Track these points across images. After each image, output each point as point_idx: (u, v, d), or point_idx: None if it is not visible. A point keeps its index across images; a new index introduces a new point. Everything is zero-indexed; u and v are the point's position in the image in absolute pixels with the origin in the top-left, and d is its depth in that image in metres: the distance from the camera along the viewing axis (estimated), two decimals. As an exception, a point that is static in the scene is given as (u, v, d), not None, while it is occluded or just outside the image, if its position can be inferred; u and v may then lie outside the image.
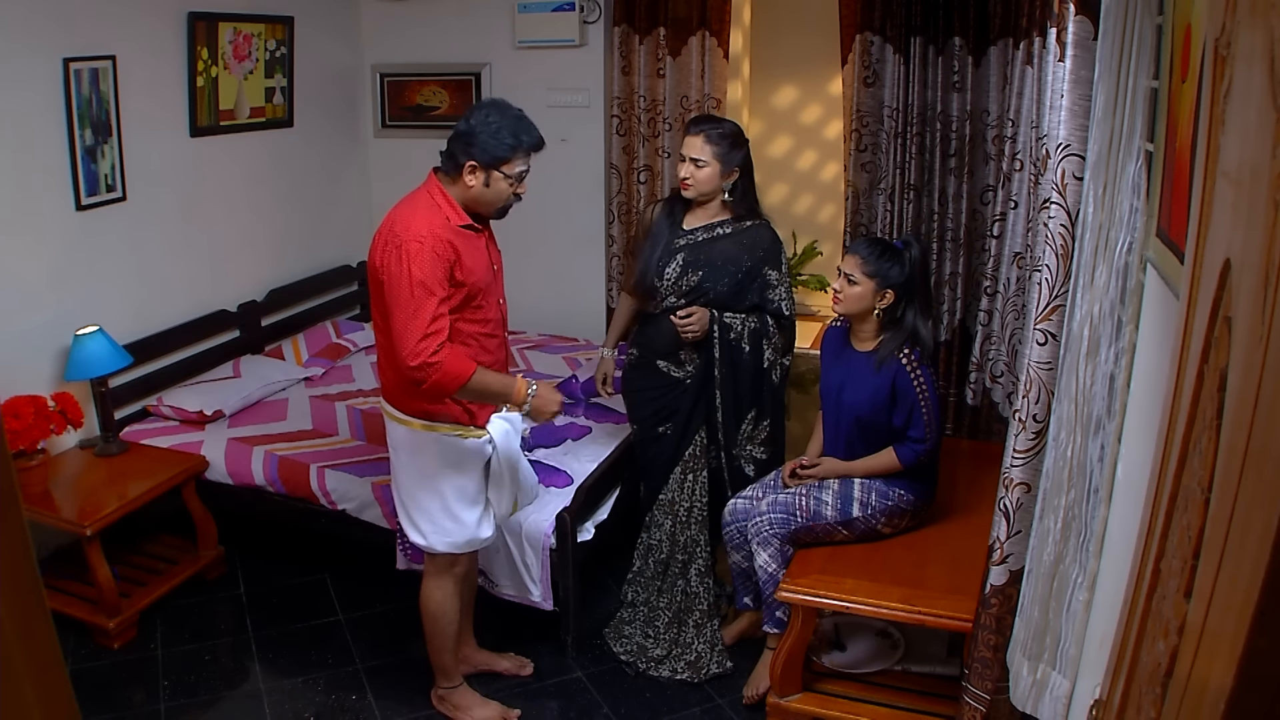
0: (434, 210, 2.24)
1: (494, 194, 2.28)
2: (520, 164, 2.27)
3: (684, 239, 2.78)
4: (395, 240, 2.18)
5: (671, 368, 2.83)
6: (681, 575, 2.90)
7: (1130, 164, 1.52)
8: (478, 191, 2.26)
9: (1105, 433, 1.61)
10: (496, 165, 2.23)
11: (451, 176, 2.28)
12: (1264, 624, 0.62)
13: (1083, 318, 1.60)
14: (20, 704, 0.70)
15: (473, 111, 2.26)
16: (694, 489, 2.89)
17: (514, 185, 2.29)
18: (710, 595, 2.90)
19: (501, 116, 2.24)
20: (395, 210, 2.29)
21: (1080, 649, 1.71)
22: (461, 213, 2.28)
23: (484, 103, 2.30)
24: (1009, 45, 3.22)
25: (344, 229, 4.64)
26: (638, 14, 4.00)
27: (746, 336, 2.79)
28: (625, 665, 2.84)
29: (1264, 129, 0.68)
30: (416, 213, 2.23)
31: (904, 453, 2.51)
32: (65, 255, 3.21)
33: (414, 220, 2.20)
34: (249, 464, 3.18)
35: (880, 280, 2.50)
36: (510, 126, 2.23)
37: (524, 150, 2.26)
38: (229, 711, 2.69)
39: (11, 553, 0.68)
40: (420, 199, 2.28)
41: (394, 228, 2.21)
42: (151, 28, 3.45)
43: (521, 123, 2.26)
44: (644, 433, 2.93)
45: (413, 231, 2.18)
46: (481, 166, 2.23)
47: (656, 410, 2.87)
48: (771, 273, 2.82)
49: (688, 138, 2.73)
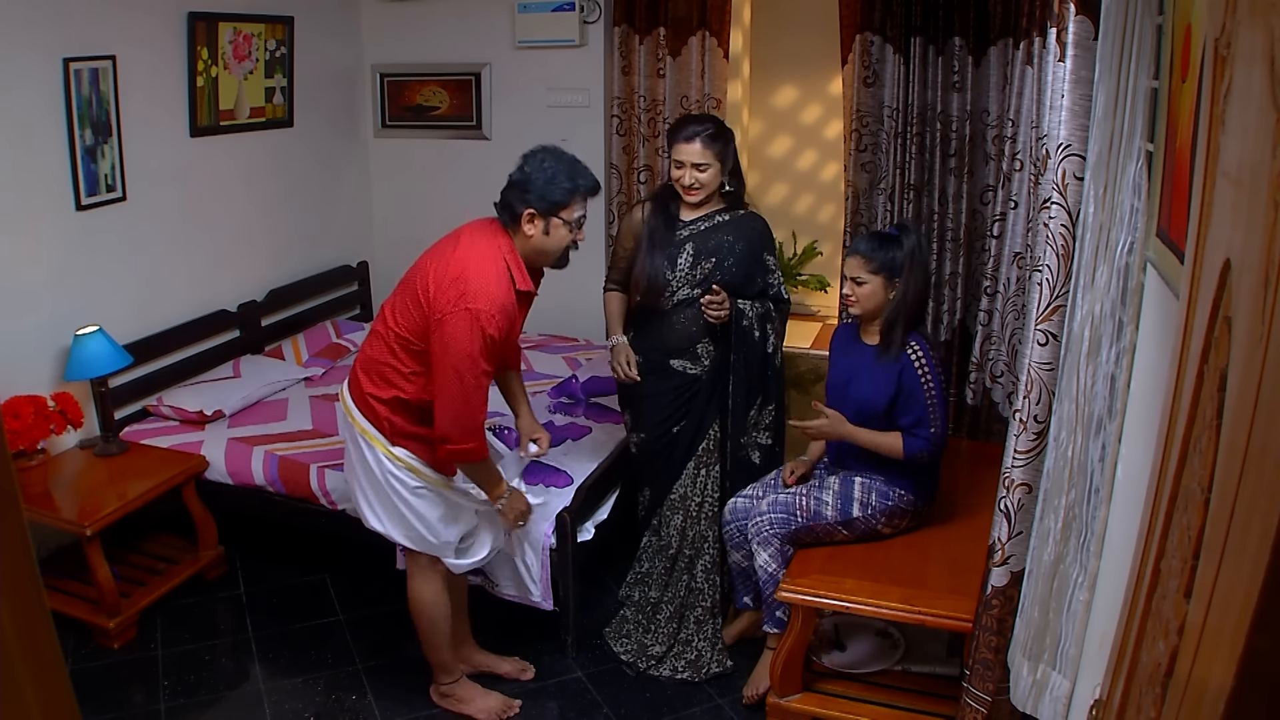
0: (504, 277, 2.24)
1: (554, 241, 2.30)
2: (578, 209, 2.30)
3: (687, 230, 2.78)
4: (468, 303, 2.17)
5: (688, 365, 2.81)
6: (687, 570, 2.91)
7: (1130, 164, 1.52)
8: (538, 240, 2.28)
9: (1106, 433, 1.61)
10: (555, 211, 2.26)
11: (511, 228, 2.30)
12: (1264, 624, 0.62)
13: (1083, 318, 1.60)
14: (20, 704, 0.70)
15: (527, 159, 2.28)
16: (706, 483, 2.89)
17: (573, 232, 2.31)
18: (715, 592, 2.89)
19: (557, 162, 2.26)
20: (468, 253, 2.25)
21: (1080, 649, 1.71)
22: (525, 275, 2.30)
23: (537, 149, 2.31)
24: (1009, 45, 3.22)
25: (344, 229, 4.64)
26: (638, 14, 4.00)
27: (756, 322, 2.80)
28: (626, 666, 2.84)
29: (1264, 129, 0.68)
30: (490, 275, 2.22)
31: (911, 444, 2.49)
32: (65, 255, 3.21)
33: (489, 284, 2.20)
34: (249, 464, 3.18)
35: (888, 272, 2.50)
36: (566, 171, 2.26)
37: (581, 195, 2.29)
38: (229, 711, 2.69)
39: (11, 553, 0.68)
40: (493, 259, 2.25)
41: (466, 284, 2.18)
42: (151, 28, 3.45)
43: (576, 167, 2.29)
44: (654, 436, 2.89)
45: (487, 299, 2.18)
46: (540, 214, 2.25)
47: (671, 412, 2.85)
48: (769, 258, 2.86)
49: (683, 145, 2.69)
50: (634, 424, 2.94)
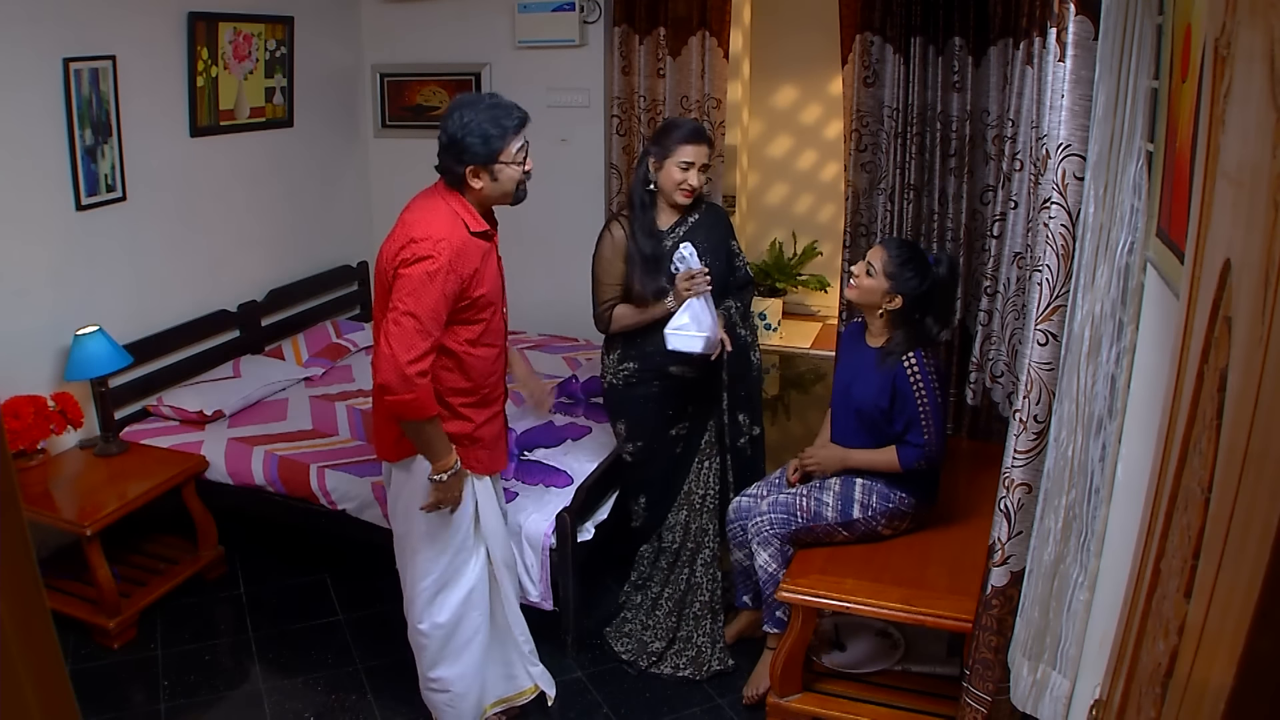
0: (451, 219, 2.19)
1: (505, 181, 2.23)
2: (515, 144, 2.22)
3: (672, 236, 2.77)
4: (416, 245, 2.12)
5: (686, 370, 2.79)
6: (688, 564, 2.91)
7: (1131, 164, 1.52)
8: (489, 188, 2.23)
9: (1106, 433, 1.61)
10: (494, 159, 2.19)
11: (460, 188, 2.24)
12: (1264, 624, 0.62)
13: (1084, 318, 1.60)
14: (20, 704, 0.70)
15: (446, 120, 2.19)
16: (709, 477, 2.91)
17: (521, 165, 2.24)
18: (715, 587, 2.90)
19: (475, 112, 2.17)
20: (411, 214, 2.23)
21: (1080, 649, 1.71)
22: (478, 218, 2.24)
23: (452, 106, 2.23)
24: (1009, 45, 3.21)
25: (344, 229, 4.64)
26: (638, 14, 4.00)
27: (736, 316, 2.86)
28: (627, 665, 2.84)
29: (1264, 129, 0.68)
30: (436, 222, 2.17)
31: (905, 454, 2.51)
32: (65, 255, 3.21)
33: (435, 227, 2.15)
34: (249, 464, 3.18)
35: (894, 284, 2.50)
36: (488, 118, 2.17)
37: (512, 132, 2.21)
38: (229, 711, 2.69)
39: (11, 553, 0.68)
40: (437, 205, 2.22)
41: (412, 232, 2.15)
42: (151, 28, 3.45)
43: (497, 109, 2.20)
44: (653, 442, 2.86)
45: (434, 237, 2.13)
46: (481, 166, 2.19)
47: (672, 415, 2.85)
48: (734, 243, 2.94)
49: (691, 146, 2.66)
50: (629, 433, 2.90)
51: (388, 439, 2.35)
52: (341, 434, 3.36)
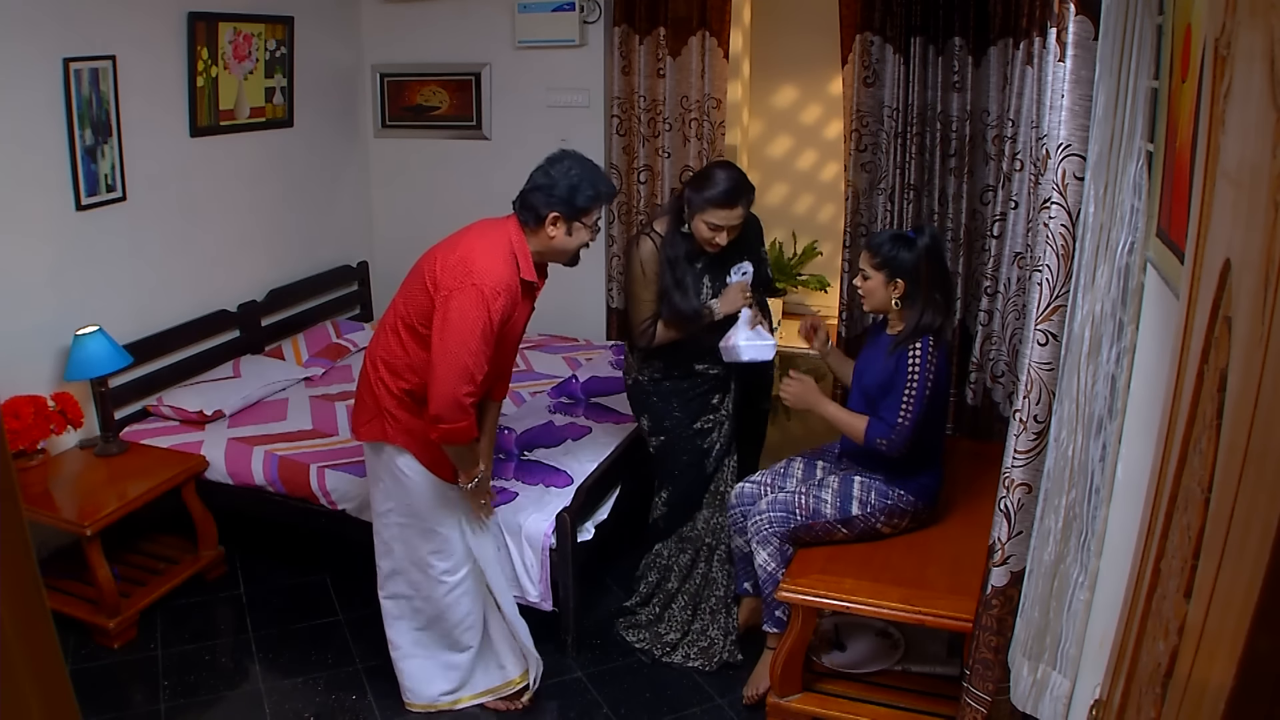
0: (510, 261, 2.30)
1: (574, 242, 2.37)
2: (598, 213, 2.37)
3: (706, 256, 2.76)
4: (474, 280, 2.22)
5: (710, 366, 2.82)
6: (706, 560, 2.92)
7: (1131, 164, 1.52)
8: (560, 241, 2.35)
9: (1106, 433, 1.61)
10: (578, 216, 2.33)
11: (531, 227, 2.34)
12: (1264, 624, 0.62)
13: (1084, 318, 1.60)
14: (20, 704, 0.70)
15: (553, 163, 2.34)
16: (726, 473, 2.92)
17: (591, 234, 2.38)
18: (729, 581, 2.91)
19: (581, 169, 2.32)
20: (474, 239, 2.34)
21: (1080, 649, 1.71)
22: (531, 267, 2.35)
23: (562, 154, 2.38)
24: (1009, 45, 3.22)
25: (344, 229, 4.64)
26: (638, 14, 4.00)
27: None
28: (640, 654, 2.87)
29: (1264, 129, 0.68)
30: (497, 257, 2.28)
31: (873, 427, 2.49)
32: (65, 255, 3.21)
33: (495, 265, 2.27)
34: (249, 464, 3.18)
35: (889, 270, 2.50)
36: (590, 178, 2.32)
37: (603, 200, 2.36)
38: (229, 711, 2.69)
39: (11, 553, 0.68)
40: (501, 244, 2.32)
41: (472, 264, 2.25)
42: (151, 28, 3.45)
43: (599, 174, 2.37)
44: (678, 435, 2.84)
45: (494, 278, 2.24)
46: (564, 218, 2.32)
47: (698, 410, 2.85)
48: (763, 249, 2.98)
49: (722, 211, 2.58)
50: (653, 426, 2.89)
51: (360, 419, 2.48)
52: (341, 434, 3.36)
